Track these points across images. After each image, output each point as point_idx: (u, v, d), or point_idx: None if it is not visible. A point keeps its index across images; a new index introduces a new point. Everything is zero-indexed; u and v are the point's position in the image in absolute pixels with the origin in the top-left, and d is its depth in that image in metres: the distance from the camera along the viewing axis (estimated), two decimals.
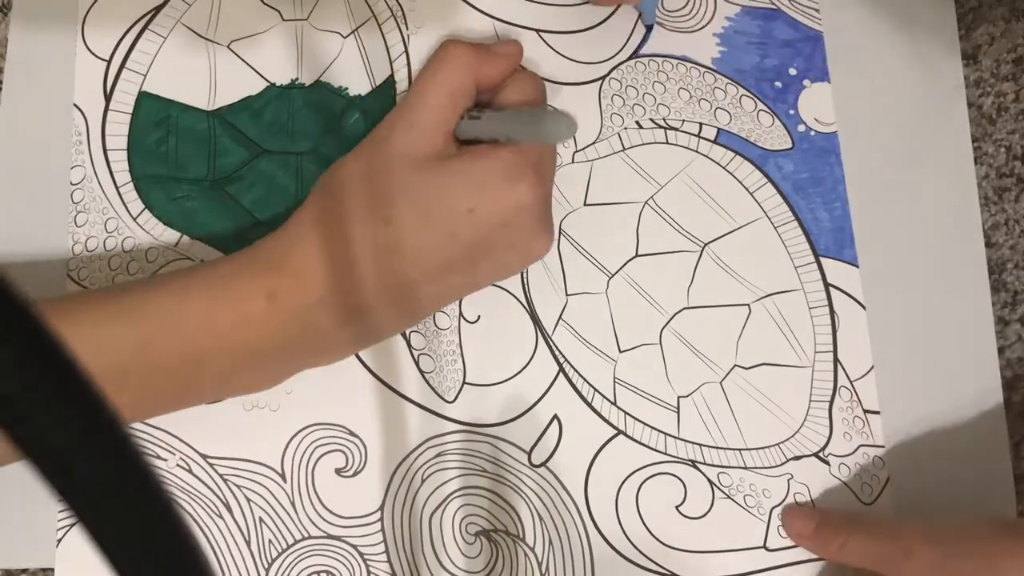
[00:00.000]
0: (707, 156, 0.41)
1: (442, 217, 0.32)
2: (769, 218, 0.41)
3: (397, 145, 0.33)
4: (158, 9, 0.41)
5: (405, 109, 0.34)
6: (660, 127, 0.41)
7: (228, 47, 0.40)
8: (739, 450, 0.38)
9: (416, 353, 0.38)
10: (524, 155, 0.33)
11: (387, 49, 0.41)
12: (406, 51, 0.41)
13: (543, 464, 0.38)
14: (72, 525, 0.36)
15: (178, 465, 0.37)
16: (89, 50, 0.40)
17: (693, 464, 0.38)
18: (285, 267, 0.32)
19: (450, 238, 0.32)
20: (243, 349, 0.32)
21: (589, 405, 0.38)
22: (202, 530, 0.37)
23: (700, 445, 0.38)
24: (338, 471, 0.37)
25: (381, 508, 0.37)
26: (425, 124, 0.33)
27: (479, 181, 0.32)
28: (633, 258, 0.40)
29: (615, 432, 0.38)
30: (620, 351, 0.39)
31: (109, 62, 0.40)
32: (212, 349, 0.31)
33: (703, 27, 0.42)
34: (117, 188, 0.40)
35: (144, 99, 0.40)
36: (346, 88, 0.40)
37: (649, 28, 0.41)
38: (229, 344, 0.32)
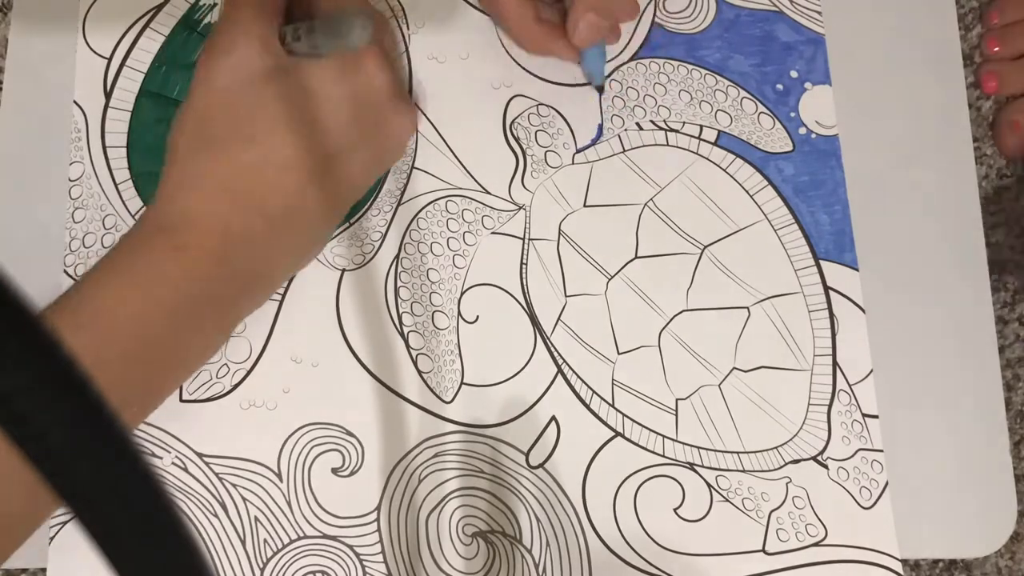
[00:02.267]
0: (707, 158, 0.41)
1: (297, 122, 0.33)
2: (769, 221, 0.40)
3: (228, 70, 0.33)
4: (159, 8, 0.41)
5: (227, 24, 0.34)
6: (661, 129, 0.41)
7: None
8: (737, 453, 0.38)
9: (414, 353, 0.38)
10: (362, 48, 0.35)
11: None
12: (407, 50, 0.41)
13: (541, 465, 0.38)
14: (64, 524, 0.36)
15: (173, 463, 0.37)
16: (90, 48, 0.40)
17: (691, 467, 0.38)
18: (176, 219, 0.32)
19: (312, 139, 0.33)
20: (175, 312, 0.32)
21: (587, 407, 0.38)
22: (197, 529, 0.36)
23: (698, 448, 0.38)
24: (335, 471, 0.37)
25: (378, 508, 0.37)
26: (245, 45, 0.33)
27: (318, 82, 0.33)
28: (632, 260, 0.40)
29: (613, 434, 0.38)
30: (619, 353, 0.39)
31: (110, 60, 0.40)
32: (138, 331, 0.31)
33: (704, 29, 0.42)
34: (116, 185, 0.40)
35: (144, 97, 0.40)
36: None
37: (600, 90, 0.41)
38: (160, 312, 0.31)
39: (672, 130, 0.41)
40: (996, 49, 0.42)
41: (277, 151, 0.33)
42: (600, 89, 0.41)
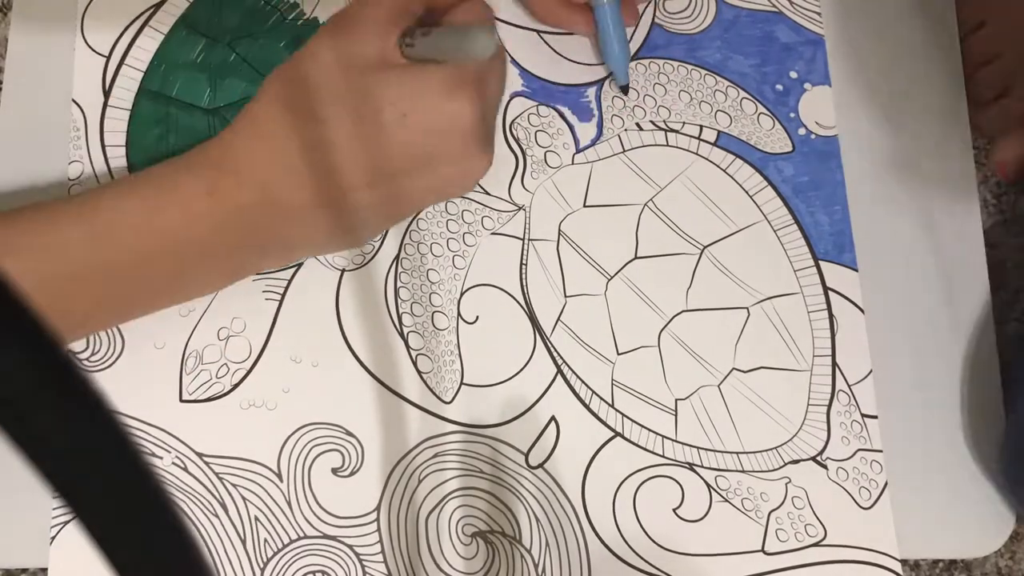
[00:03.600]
0: (707, 159, 0.41)
1: (375, 120, 0.32)
2: (769, 221, 0.40)
3: (336, 49, 0.33)
4: (158, 6, 0.41)
5: (346, 16, 0.34)
6: (660, 129, 0.41)
7: (228, 45, 0.40)
8: (737, 453, 0.38)
9: (414, 353, 0.38)
10: (465, 71, 0.33)
11: None
12: None
13: (540, 465, 0.38)
14: (65, 523, 0.36)
15: (173, 463, 0.37)
16: (88, 46, 0.40)
17: (691, 467, 0.38)
18: (224, 164, 0.33)
19: (383, 142, 0.33)
20: (188, 245, 0.32)
21: (587, 407, 0.38)
22: (198, 529, 0.36)
23: (698, 448, 0.38)
24: (335, 471, 0.37)
25: (377, 508, 0.37)
26: (364, 31, 0.33)
27: (416, 89, 0.32)
28: (632, 260, 0.40)
29: (613, 434, 0.38)
30: (618, 353, 0.39)
31: (108, 58, 0.40)
32: (158, 247, 0.32)
33: (704, 29, 0.42)
34: None
35: (143, 96, 0.40)
36: None
37: (624, 90, 0.41)
38: (174, 240, 0.32)
39: (672, 130, 0.41)
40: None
41: (347, 142, 0.32)
42: (625, 90, 0.41)
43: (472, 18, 0.36)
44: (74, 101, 0.40)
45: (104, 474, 0.13)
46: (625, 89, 0.41)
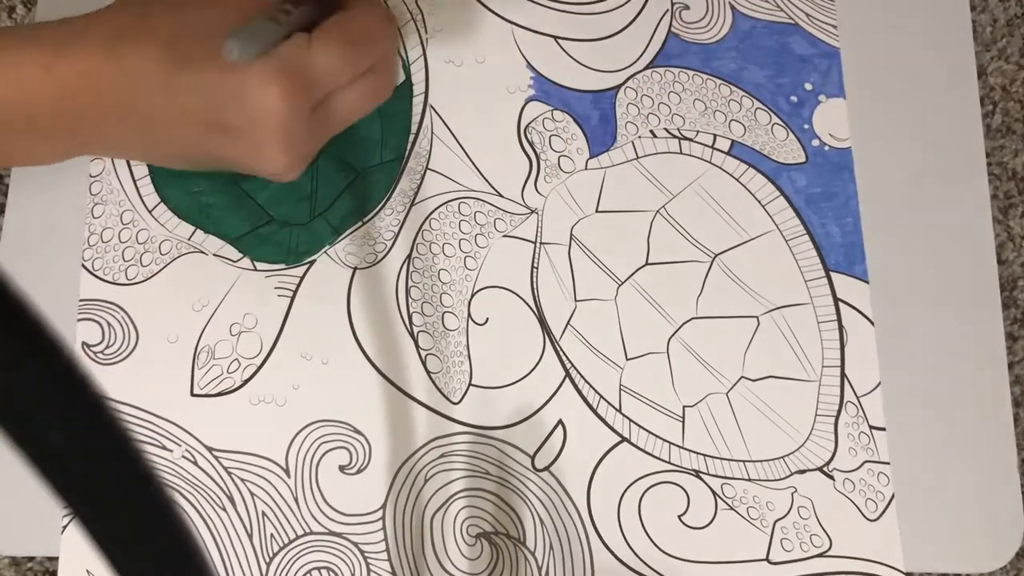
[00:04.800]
0: (720, 167, 0.41)
1: (202, 66, 0.31)
2: (780, 231, 0.41)
3: (199, 12, 0.32)
4: None
5: None
6: (674, 137, 0.41)
7: None
8: (743, 462, 0.38)
9: (423, 353, 0.38)
10: (301, 70, 0.31)
11: (405, 52, 0.41)
12: (424, 54, 0.41)
13: (546, 468, 0.38)
14: None
15: (183, 457, 0.37)
16: None
17: (697, 474, 0.38)
18: (62, 42, 0.32)
19: (201, 87, 0.31)
20: (22, 112, 0.32)
21: (594, 411, 0.38)
22: (205, 522, 0.37)
23: (704, 455, 0.38)
24: (342, 468, 0.37)
25: (383, 507, 0.37)
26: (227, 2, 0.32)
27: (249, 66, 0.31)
28: (643, 266, 0.40)
29: (619, 439, 0.38)
30: (627, 359, 0.39)
31: None
32: None
33: (720, 39, 0.42)
34: (134, 181, 0.40)
35: None
36: None
37: None
38: (6, 106, 0.31)
39: (686, 138, 0.41)
40: None
41: (162, 65, 0.31)
42: None
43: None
44: None
45: (103, 474, 0.13)
46: None
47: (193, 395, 0.38)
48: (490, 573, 0.37)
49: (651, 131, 0.41)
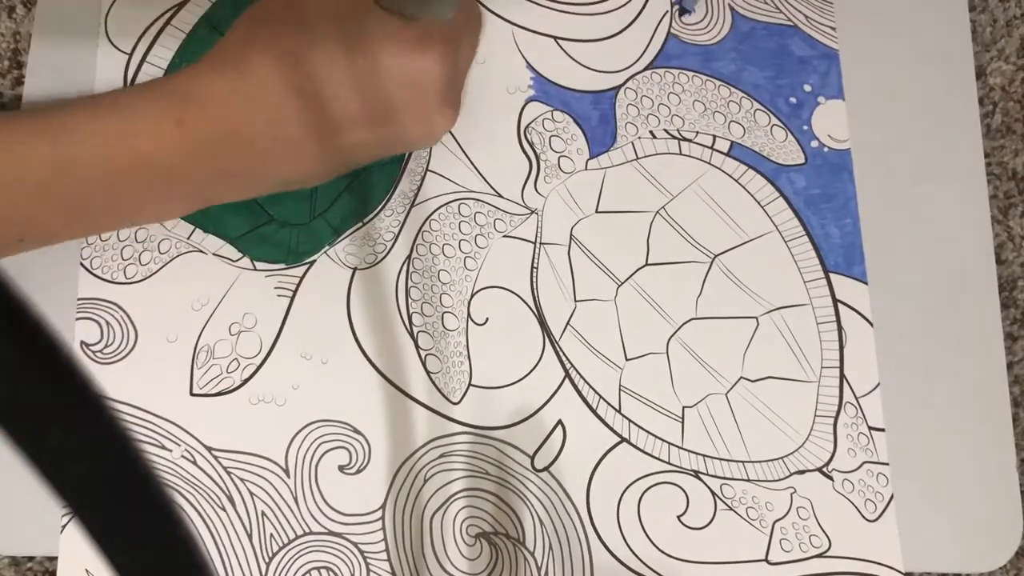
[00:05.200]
0: (720, 168, 0.41)
1: (347, 65, 0.33)
2: (779, 232, 0.41)
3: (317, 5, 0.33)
4: (181, 5, 0.41)
5: None
6: (674, 138, 0.41)
7: None
8: (742, 462, 0.38)
9: (423, 353, 0.38)
10: (437, 31, 0.34)
11: None
12: None
13: (546, 469, 0.38)
14: None
15: (183, 456, 0.37)
16: (111, 42, 0.41)
17: (696, 475, 0.38)
18: (195, 96, 0.33)
19: (356, 87, 0.33)
20: (154, 171, 0.33)
21: (594, 412, 0.38)
22: (204, 522, 0.37)
23: (703, 456, 0.38)
24: (341, 468, 0.37)
25: (383, 507, 0.37)
26: None
27: (389, 40, 0.33)
28: (643, 267, 0.40)
29: (619, 440, 0.38)
30: (627, 359, 0.39)
31: (130, 55, 0.41)
32: (125, 168, 0.32)
33: (720, 41, 0.42)
34: None
35: None
36: None
37: (687, 11, 0.41)
38: (141, 164, 0.32)
39: (685, 139, 0.41)
40: None
41: (316, 83, 0.33)
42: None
43: None
44: None
45: (103, 475, 0.13)
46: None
47: (192, 395, 0.38)
48: (489, 573, 0.37)
49: (651, 132, 0.41)
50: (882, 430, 0.39)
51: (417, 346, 0.39)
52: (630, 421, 0.38)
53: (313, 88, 0.33)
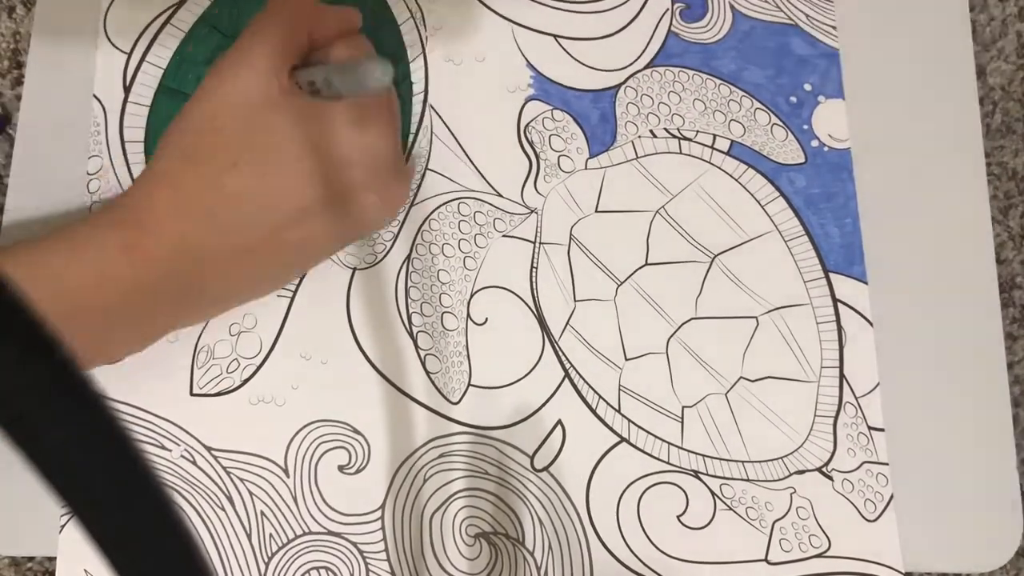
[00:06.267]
0: (720, 168, 0.41)
1: (284, 157, 0.32)
2: (779, 232, 0.41)
3: (226, 91, 0.32)
4: (180, 4, 0.41)
5: (237, 52, 0.32)
6: (674, 137, 0.41)
7: None
8: (742, 462, 0.38)
9: (423, 353, 0.38)
10: (368, 103, 0.33)
11: (405, 50, 0.41)
12: (423, 53, 0.41)
13: (545, 469, 0.38)
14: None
15: (182, 456, 0.37)
16: (110, 42, 0.41)
17: (696, 474, 0.38)
18: (137, 220, 0.32)
19: (302, 178, 0.32)
20: (103, 306, 0.31)
21: (593, 412, 0.38)
22: (204, 522, 0.37)
23: (703, 456, 0.38)
24: (341, 468, 0.37)
25: (382, 507, 0.37)
26: (254, 69, 0.32)
27: (326, 125, 0.32)
28: (643, 267, 0.40)
29: (618, 440, 0.38)
30: (626, 359, 0.39)
31: (130, 55, 0.41)
32: (71, 309, 0.30)
33: (720, 39, 0.42)
34: (133, 179, 0.40)
35: (162, 93, 0.40)
36: None
37: None
38: (89, 303, 0.31)
39: (685, 138, 0.41)
40: None
41: (256, 181, 0.32)
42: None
43: (355, 52, 0.35)
44: (95, 97, 0.40)
45: (103, 475, 0.13)
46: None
47: (192, 395, 0.38)
48: (489, 573, 0.37)
49: (651, 131, 0.41)
50: (882, 430, 0.39)
51: (417, 346, 0.39)
52: (630, 421, 0.38)
53: (251, 188, 0.32)
